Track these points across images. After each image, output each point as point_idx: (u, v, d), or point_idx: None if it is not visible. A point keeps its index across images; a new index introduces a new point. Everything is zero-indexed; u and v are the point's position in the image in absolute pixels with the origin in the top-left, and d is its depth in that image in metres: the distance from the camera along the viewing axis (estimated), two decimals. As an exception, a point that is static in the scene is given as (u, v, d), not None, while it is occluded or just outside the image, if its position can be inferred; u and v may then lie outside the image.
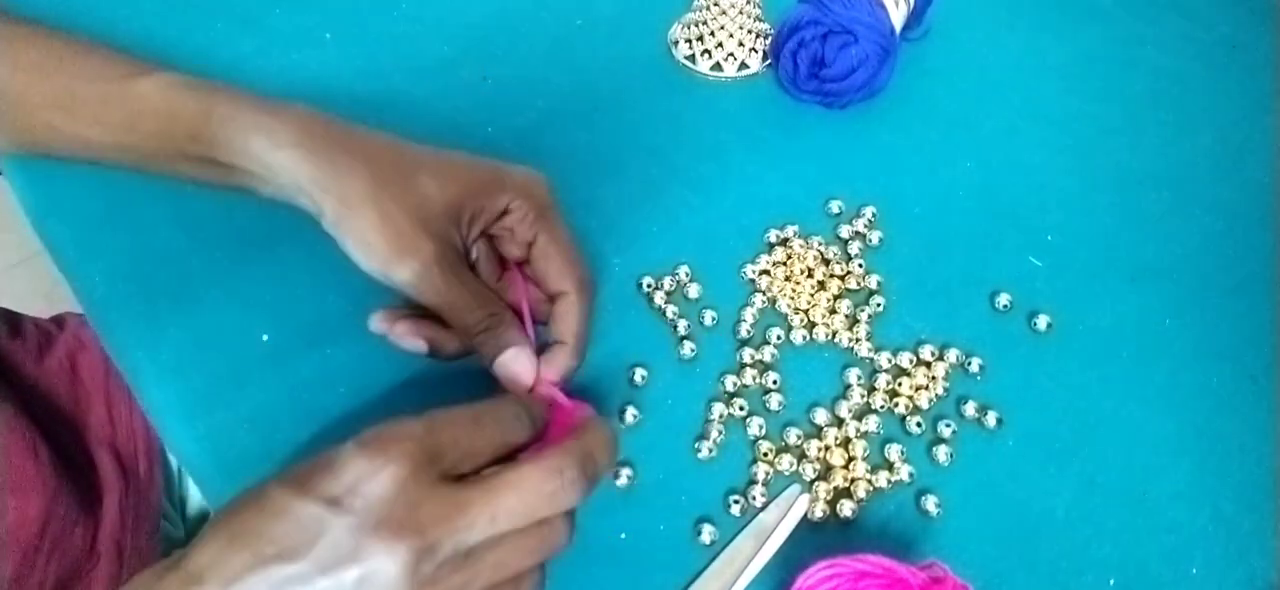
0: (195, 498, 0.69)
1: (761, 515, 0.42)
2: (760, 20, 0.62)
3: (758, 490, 0.42)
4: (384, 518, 0.31)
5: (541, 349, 0.42)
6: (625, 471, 0.43)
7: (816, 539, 0.41)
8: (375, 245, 0.40)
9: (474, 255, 0.44)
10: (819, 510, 0.42)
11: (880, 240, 0.52)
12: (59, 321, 0.67)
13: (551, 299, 0.43)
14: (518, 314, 0.42)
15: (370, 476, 0.32)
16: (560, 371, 0.41)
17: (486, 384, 0.41)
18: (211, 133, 0.43)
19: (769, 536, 0.40)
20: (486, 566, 0.33)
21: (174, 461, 0.67)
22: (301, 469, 0.33)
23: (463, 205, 0.42)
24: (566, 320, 0.42)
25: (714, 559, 0.40)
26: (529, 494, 0.33)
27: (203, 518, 0.68)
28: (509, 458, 0.35)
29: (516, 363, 0.40)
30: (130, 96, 0.45)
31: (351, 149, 0.42)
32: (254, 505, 0.32)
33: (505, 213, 0.42)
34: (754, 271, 0.50)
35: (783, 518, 0.41)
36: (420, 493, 0.32)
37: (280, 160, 0.42)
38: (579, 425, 0.36)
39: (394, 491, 0.31)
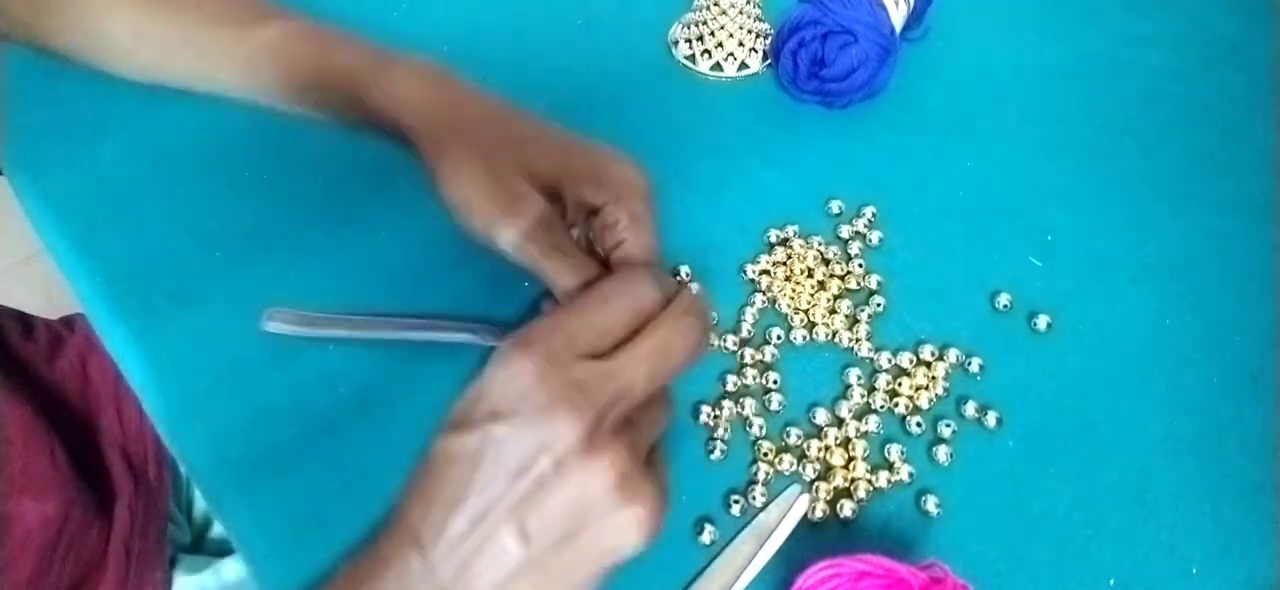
0: (201, 502, 0.69)
1: (761, 515, 0.42)
2: (760, 20, 0.62)
3: (758, 490, 0.42)
4: (545, 402, 0.31)
5: None
6: None
7: (816, 539, 0.41)
8: (479, 206, 0.39)
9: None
10: (819, 510, 0.42)
11: (880, 240, 0.52)
12: (69, 323, 0.67)
13: None
14: None
15: (516, 377, 0.32)
16: None
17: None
18: (330, 84, 0.45)
19: (769, 536, 0.40)
20: (645, 425, 0.34)
21: (182, 466, 0.67)
22: (453, 413, 0.33)
23: (562, 187, 0.41)
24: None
25: (714, 559, 0.40)
26: (670, 348, 0.34)
27: (208, 522, 0.68)
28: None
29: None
30: (252, 42, 0.47)
31: (464, 107, 0.42)
32: (429, 467, 0.33)
33: (596, 211, 0.41)
34: (754, 271, 0.50)
35: (783, 518, 0.41)
36: (570, 372, 0.32)
37: (395, 117, 0.42)
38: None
39: (543, 378, 0.32)
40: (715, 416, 0.45)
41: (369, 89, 0.44)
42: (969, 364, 0.47)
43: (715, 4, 0.60)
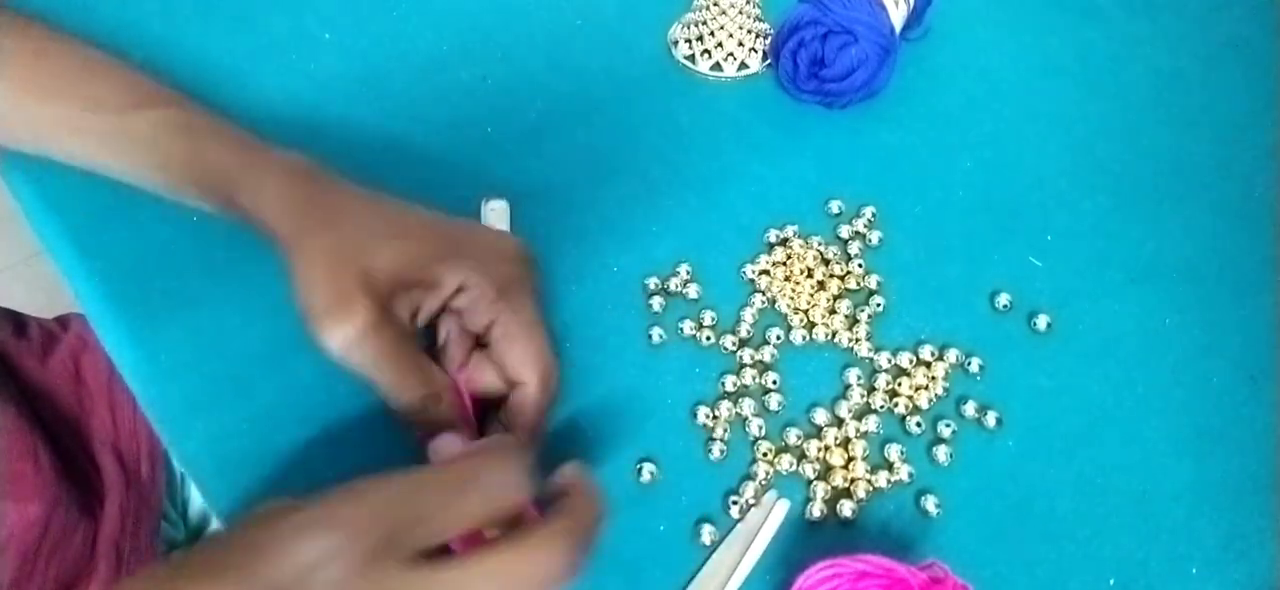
0: (197, 501, 0.69)
1: (739, 526, 0.41)
2: (760, 20, 0.62)
3: (757, 490, 0.42)
4: None
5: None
6: (649, 467, 0.43)
7: (816, 539, 0.41)
8: (314, 305, 0.37)
9: (441, 337, 0.41)
10: (819, 510, 0.42)
11: (880, 240, 0.52)
12: (63, 322, 0.67)
13: (510, 386, 0.40)
14: (461, 398, 0.40)
15: (323, 562, 0.27)
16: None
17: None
18: (202, 180, 0.44)
19: (750, 545, 0.40)
20: None
21: (177, 464, 0.67)
22: (253, 545, 0.28)
23: (411, 278, 0.39)
24: (520, 414, 0.39)
25: (696, 574, 0.40)
26: (511, 582, 0.29)
27: (205, 521, 0.68)
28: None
29: (448, 451, 0.37)
30: (130, 130, 0.46)
31: (323, 206, 0.41)
32: None
33: (460, 290, 0.39)
34: (754, 271, 0.50)
35: (762, 526, 0.41)
36: (382, 578, 0.28)
37: (260, 219, 0.42)
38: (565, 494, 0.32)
39: (349, 579, 0.27)
40: (714, 417, 0.45)
41: (238, 189, 0.42)
42: (969, 364, 0.47)
43: (715, 4, 0.60)
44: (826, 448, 0.44)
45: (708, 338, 0.47)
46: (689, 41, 0.62)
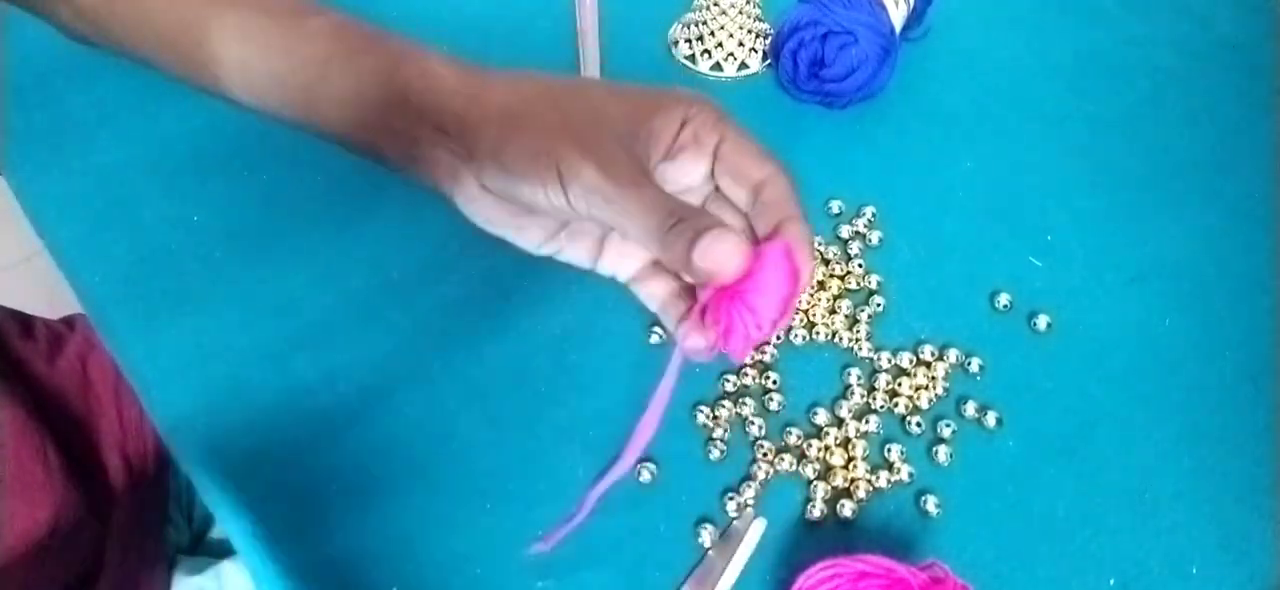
0: (201, 501, 0.69)
1: (719, 542, 0.41)
2: (760, 20, 0.62)
3: (757, 490, 0.42)
4: None
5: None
6: (649, 467, 0.43)
7: (816, 539, 0.41)
8: (540, 155, 0.35)
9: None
10: (819, 510, 0.42)
11: (880, 240, 0.52)
12: (69, 323, 0.67)
13: (755, 191, 0.39)
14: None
15: None
16: (802, 241, 0.36)
17: (492, 394, 0.41)
18: (364, 72, 0.42)
19: (727, 565, 0.40)
20: None
21: (181, 465, 0.67)
22: None
23: (638, 126, 0.39)
24: (785, 198, 0.38)
25: None
26: None
27: (208, 522, 0.68)
28: None
29: (718, 244, 0.33)
30: (302, 32, 0.43)
31: (511, 79, 0.39)
32: None
33: (683, 126, 0.39)
34: (754, 271, 0.50)
35: (739, 545, 0.40)
36: None
37: (432, 85, 0.40)
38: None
39: None
40: (714, 417, 0.45)
41: (408, 72, 0.41)
42: (969, 364, 0.47)
43: (715, 4, 0.60)
44: (827, 448, 0.44)
45: (708, 338, 0.47)
46: (689, 41, 0.62)
